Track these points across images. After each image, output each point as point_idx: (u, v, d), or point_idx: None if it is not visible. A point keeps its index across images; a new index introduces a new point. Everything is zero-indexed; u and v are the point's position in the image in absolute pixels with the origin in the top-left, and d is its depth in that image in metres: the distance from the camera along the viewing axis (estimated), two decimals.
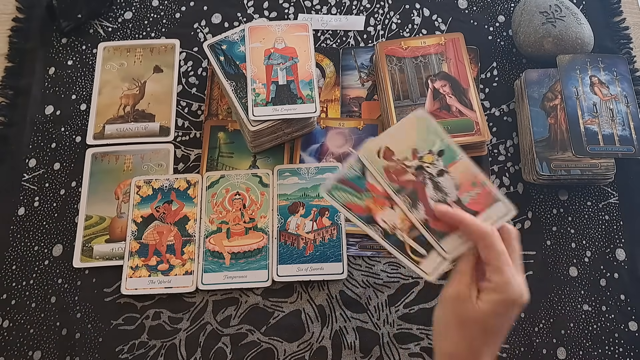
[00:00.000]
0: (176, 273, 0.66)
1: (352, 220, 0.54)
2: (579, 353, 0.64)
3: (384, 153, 0.55)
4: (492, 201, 0.53)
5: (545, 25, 0.72)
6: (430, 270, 0.52)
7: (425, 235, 0.53)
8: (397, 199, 0.54)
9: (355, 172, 0.55)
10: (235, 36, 0.72)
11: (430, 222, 0.53)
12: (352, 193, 0.54)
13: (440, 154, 0.55)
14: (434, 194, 0.54)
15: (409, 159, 0.55)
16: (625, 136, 0.67)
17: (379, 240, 0.53)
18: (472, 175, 0.54)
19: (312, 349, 0.64)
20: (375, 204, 0.55)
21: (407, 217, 0.54)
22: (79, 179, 0.72)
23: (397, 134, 0.56)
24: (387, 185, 0.54)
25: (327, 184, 0.54)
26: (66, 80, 0.77)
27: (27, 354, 0.63)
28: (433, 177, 0.54)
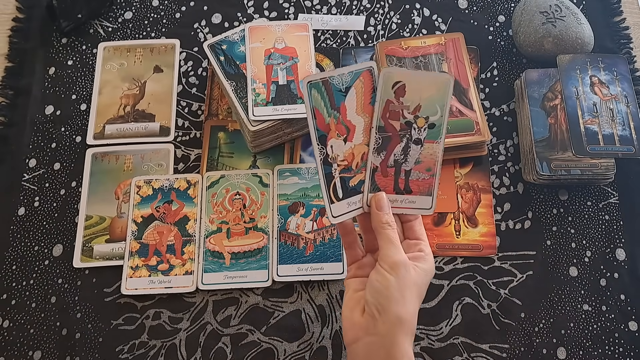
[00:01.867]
0: (176, 273, 0.66)
1: (309, 127, 0.53)
2: (579, 353, 0.64)
3: (398, 89, 0.55)
4: (427, 192, 0.56)
5: (545, 25, 0.73)
6: (337, 214, 0.54)
7: (366, 179, 0.55)
8: (373, 134, 0.55)
9: (342, 84, 0.54)
10: (235, 36, 0.72)
11: (378, 171, 0.55)
12: (325, 103, 0.54)
13: (430, 127, 0.56)
14: (399, 152, 0.56)
15: (408, 111, 0.55)
16: (625, 136, 0.67)
17: (317, 161, 0.54)
18: (433, 162, 0.56)
19: (312, 349, 0.64)
20: (335, 127, 0.54)
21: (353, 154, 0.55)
22: (79, 179, 0.72)
23: (419, 81, 0.55)
24: (377, 116, 0.54)
25: (314, 77, 0.53)
26: (66, 80, 0.77)
27: (27, 354, 0.63)
28: (410, 140, 0.56)
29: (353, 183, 0.55)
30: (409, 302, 0.48)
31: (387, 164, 0.56)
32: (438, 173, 0.56)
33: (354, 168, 0.55)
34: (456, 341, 0.64)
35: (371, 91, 0.55)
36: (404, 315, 0.48)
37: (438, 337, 0.64)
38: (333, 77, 0.53)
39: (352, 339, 0.50)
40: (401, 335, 0.47)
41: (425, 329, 0.64)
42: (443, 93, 0.55)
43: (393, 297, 0.48)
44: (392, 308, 0.48)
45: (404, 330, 0.48)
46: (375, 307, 0.48)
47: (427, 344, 0.64)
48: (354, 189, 0.55)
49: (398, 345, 0.47)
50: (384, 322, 0.48)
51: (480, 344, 0.64)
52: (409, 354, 0.48)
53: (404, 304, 0.48)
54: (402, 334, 0.48)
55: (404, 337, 0.48)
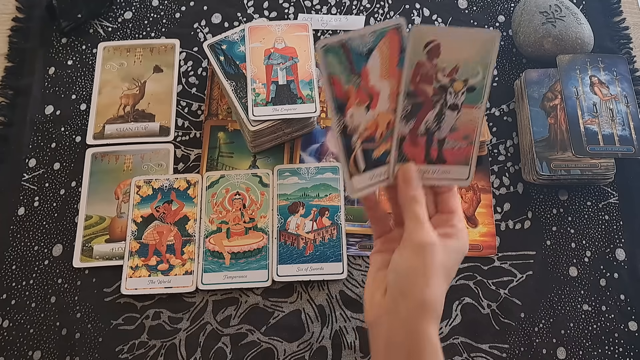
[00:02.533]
0: (176, 273, 0.66)
1: (326, 96, 0.47)
2: (579, 353, 0.64)
3: (432, 49, 0.47)
4: (463, 162, 0.50)
5: (545, 25, 0.73)
6: (358, 187, 0.48)
7: (392, 150, 0.49)
8: (401, 100, 0.48)
9: (363, 46, 0.47)
10: (235, 36, 0.72)
11: (406, 140, 0.49)
12: (344, 68, 0.47)
13: (469, 90, 0.49)
14: (431, 119, 0.49)
15: (443, 73, 0.48)
16: (625, 136, 0.67)
17: (335, 133, 0.47)
18: (471, 129, 0.50)
19: (312, 348, 0.64)
20: (355, 94, 0.48)
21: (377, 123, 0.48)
22: (79, 178, 0.72)
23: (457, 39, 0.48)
24: (406, 80, 0.47)
25: (330, 40, 0.46)
26: (66, 80, 0.77)
27: (27, 354, 0.63)
28: (445, 105, 0.49)
29: (377, 154, 0.49)
30: (434, 286, 0.44)
31: (417, 132, 0.49)
32: (477, 140, 0.50)
33: (378, 138, 0.49)
34: (456, 341, 0.64)
35: (399, 52, 0.48)
36: (427, 299, 0.44)
37: None
38: (352, 39, 0.46)
39: (374, 320, 0.46)
40: (424, 318, 0.44)
41: None
42: (486, 52, 0.48)
43: (417, 280, 0.44)
44: (415, 291, 0.44)
45: (428, 314, 0.44)
46: (398, 290, 0.45)
47: None
48: (377, 160, 0.49)
49: (421, 328, 0.44)
50: (406, 305, 0.44)
51: (480, 344, 0.64)
52: (433, 339, 0.44)
53: (429, 287, 0.44)
54: (426, 318, 0.44)
55: (428, 320, 0.44)
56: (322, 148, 0.73)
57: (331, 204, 0.69)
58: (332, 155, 0.73)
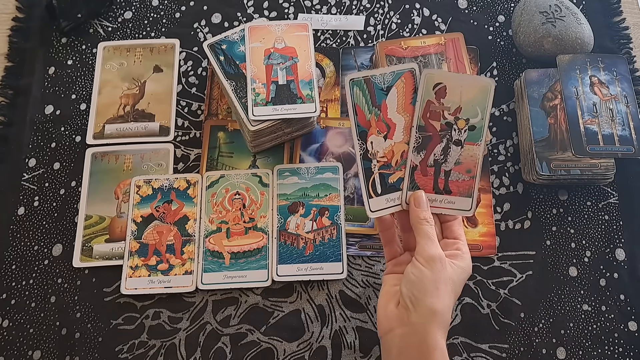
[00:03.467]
0: (176, 273, 0.66)
1: (351, 122, 0.56)
2: (579, 353, 0.64)
3: (439, 90, 0.57)
4: (467, 193, 0.57)
5: (545, 25, 0.73)
6: (374, 208, 0.56)
7: (405, 177, 0.56)
8: (413, 133, 0.56)
9: (383, 83, 0.56)
10: (235, 36, 0.72)
11: (417, 170, 0.57)
12: (367, 100, 0.56)
13: (470, 129, 0.57)
14: (439, 152, 0.57)
15: (449, 112, 0.57)
16: (625, 136, 0.67)
17: (357, 156, 0.56)
18: (473, 164, 0.57)
19: (312, 348, 0.64)
20: (376, 124, 0.56)
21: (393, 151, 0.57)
22: (79, 178, 0.72)
23: (460, 83, 0.57)
24: (417, 115, 0.56)
25: (356, 75, 0.56)
26: (66, 80, 0.77)
27: (26, 354, 0.63)
28: (450, 140, 0.57)
29: (392, 180, 0.57)
30: (443, 296, 0.49)
31: (427, 163, 0.57)
32: (478, 175, 0.57)
33: (394, 165, 0.57)
34: (456, 341, 0.64)
35: (412, 91, 0.57)
36: (437, 308, 0.48)
37: None
38: (375, 76, 0.56)
39: (386, 330, 0.51)
40: (434, 327, 0.48)
41: None
42: (484, 96, 0.57)
43: (427, 289, 0.49)
44: (426, 300, 0.49)
45: (437, 322, 0.48)
46: (409, 299, 0.49)
47: None
48: (392, 185, 0.56)
49: (431, 336, 0.48)
50: (417, 314, 0.49)
51: (479, 343, 0.64)
52: (442, 346, 0.48)
53: (438, 296, 0.49)
54: (435, 326, 0.48)
55: (437, 329, 0.48)
56: (322, 148, 0.73)
57: (331, 203, 0.69)
58: (332, 155, 0.73)
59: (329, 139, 0.74)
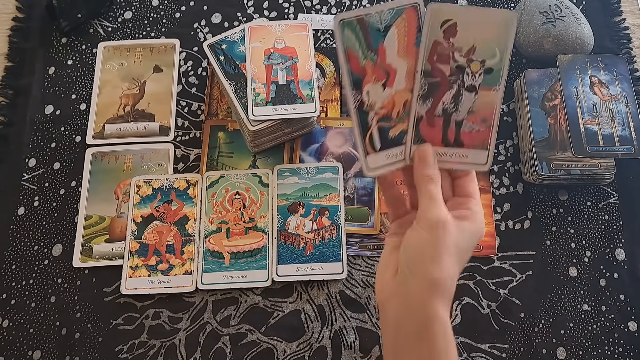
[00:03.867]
0: (176, 273, 0.66)
1: (342, 70, 0.47)
2: (579, 353, 0.64)
3: (448, 28, 0.48)
4: (482, 145, 0.49)
5: (545, 25, 0.72)
6: (373, 165, 0.49)
7: (409, 130, 0.49)
8: (418, 79, 0.48)
9: (380, 22, 0.48)
10: (235, 36, 0.72)
11: (423, 120, 0.49)
12: (360, 43, 0.48)
13: (487, 72, 0.49)
14: (449, 100, 0.49)
15: (460, 53, 0.48)
16: (625, 136, 0.67)
17: (351, 108, 0.48)
18: (490, 112, 0.49)
19: (312, 348, 0.64)
20: (372, 71, 0.48)
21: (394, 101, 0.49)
22: (79, 178, 0.72)
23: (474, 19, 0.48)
24: (422, 59, 0.48)
25: (347, 14, 0.47)
26: (66, 80, 0.77)
27: (26, 354, 0.63)
28: (462, 86, 0.49)
29: (393, 134, 0.49)
30: (445, 263, 0.43)
31: (434, 113, 0.49)
32: (496, 124, 0.49)
33: (395, 117, 0.49)
34: (456, 341, 0.64)
35: (416, 31, 0.48)
36: (438, 277, 0.43)
37: None
38: (370, 15, 0.47)
39: (384, 299, 0.46)
40: (434, 297, 0.43)
41: None
42: (504, 33, 0.48)
43: (427, 257, 0.44)
44: (426, 269, 0.43)
45: (438, 292, 0.43)
46: (408, 267, 0.44)
47: None
48: (394, 140, 0.49)
49: (430, 307, 0.43)
50: (416, 283, 0.44)
51: (479, 344, 0.64)
52: (443, 318, 0.43)
53: (439, 264, 0.43)
54: (436, 296, 0.43)
55: (437, 300, 0.43)
56: (322, 148, 0.73)
57: (331, 204, 0.69)
58: (332, 155, 0.73)
59: (329, 139, 0.74)
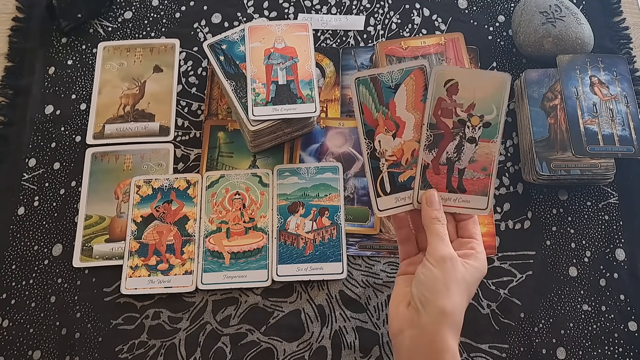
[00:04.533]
0: (176, 273, 0.66)
1: (357, 120, 0.55)
2: (579, 353, 0.64)
3: (451, 87, 0.55)
4: (482, 192, 0.55)
5: (545, 25, 0.72)
6: (383, 207, 0.55)
7: (416, 176, 0.55)
8: (424, 131, 0.55)
9: (391, 81, 0.55)
10: (235, 36, 0.72)
11: (429, 168, 0.55)
12: (373, 99, 0.55)
13: (485, 125, 0.55)
14: (452, 150, 0.55)
15: (461, 109, 0.55)
16: (625, 136, 0.67)
17: (364, 156, 0.55)
18: (489, 162, 0.55)
19: (312, 348, 0.64)
20: (384, 122, 0.55)
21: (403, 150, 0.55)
22: (79, 178, 0.72)
23: (473, 80, 0.55)
24: (428, 113, 0.55)
25: (362, 73, 0.55)
26: (66, 80, 0.78)
27: (26, 354, 0.63)
28: (464, 138, 0.55)
29: (402, 179, 0.55)
30: (455, 296, 0.48)
31: (439, 161, 0.55)
32: (494, 173, 0.55)
33: (404, 164, 0.55)
34: None
35: (423, 89, 0.55)
36: (448, 309, 0.47)
37: None
38: (382, 75, 0.55)
39: (397, 331, 0.50)
40: (445, 328, 0.47)
41: None
42: (500, 92, 0.55)
43: (438, 289, 0.48)
44: (437, 301, 0.47)
45: (448, 323, 0.47)
46: (419, 300, 0.48)
47: None
48: (403, 184, 0.55)
49: (441, 338, 0.47)
50: (427, 315, 0.48)
51: (479, 344, 0.64)
52: (452, 348, 0.47)
53: (449, 297, 0.47)
54: (446, 327, 0.47)
55: (448, 330, 0.47)
56: (322, 148, 0.73)
57: (331, 204, 0.69)
58: (332, 155, 0.73)
59: (329, 139, 0.74)
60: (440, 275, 0.48)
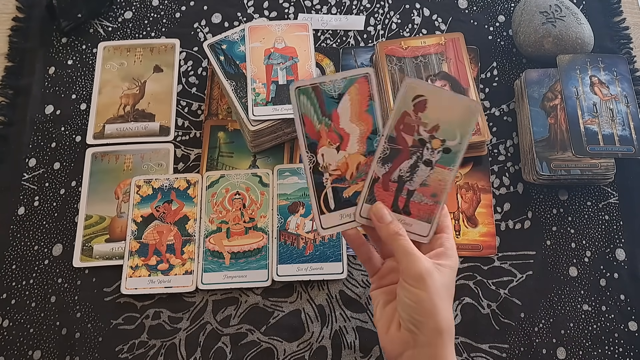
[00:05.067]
0: (176, 273, 0.66)
1: (298, 134, 0.51)
2: (579, 353, 0.64)
3: (419, 103, 0.52)
4: (426, 218, 0.52)
5: (545, 25, 0.73)
6: (327, 225, 0.52)
7: (364, 189, 0.52)
8: (382, 142, 0.52)
9: (334, 90, 0.51)
10: (235, 36, 0.72)
11: (379, 182, 0.52)
12: (315, 109, 0.51)
13: (445, 151, 0.52)
14: (405, 169, 0.52)
15: (425, 128, 0.52)
16: (625, 136, 0.67)
17: (306, 170, 0.52)
18: (440, 189, 0.52)
19: (312, 348, 0.64)
20: (327, 135, 0.52)
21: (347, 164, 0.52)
22: (79, 178, 0.72)
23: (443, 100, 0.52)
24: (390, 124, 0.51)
25: (302, 82, 0.51)
26: (66, 80, 0.78)
27: (27, 354, 0.63)
28: (420, 159, 0.52)
29: (347, 194, 0.53)
30: (444, 310, 0.47)
31: (390, 177, 0.52)
32: (444, 201, 0.52)
33: (349, 178, 0.53)
34: (456, 341, 0.64)
35: (368, 98, 0.52)
36: (443, 326, 0.47)
37: None
38: (324, 84, 0.51)
39: (395, 354, 0.49)
40: (442, 344, 0.47)
41: None
42: (467, 119, 0.51)
43: (427, 310, 0.46)
44: (429, 322, 0.46)
45: (445, 338, 0.47)
46: (412, 323, 0.47)
47: None
48: (348, 200, 0.53)
49: (441, 355, 0.47)
50: (423, 335, 0.47)
51: (480, 344, 0.64)
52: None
53: (439, 313, 0.46)
54: (443, 342, 0.47)
55: (446, 345, 0.47)
56: None
57: None
58: None
59: None
60: (425, 295, 0.46)
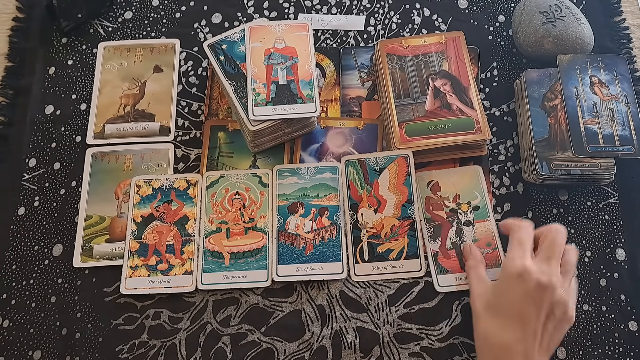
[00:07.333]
0: (176, 273, 0.66)
1: (343, 194, 0.65)
2: (579, 353, 0.64)
3: (433, 186, 0.66)
4: (494, 264, 0.64)
5: (545, 25, 0.72)
6: (359, 273, 0.64)
7: (431, 266, 0.64)
8: (423, 225, 0.65)
9: (377, 165, 0.66)
10: (235, 36, 0.72)
11: (440, 255, 0.64)
12: (359, 177, 0.65)
13: (475, 209, 0.66)
14: (454, 235, 0.65)
15: (449, 200, 0.66)
16: (625, 136, 0.67)
17: (347, 225, 0.65)
18: (491, 237, 0.65)
19: (312, 348, 0.64)
20: (367, 199, 0.65)
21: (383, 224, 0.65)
22: (79, 178, 0.72)
23: (450, 176, 0.66)
24: (421, 210, 0.66)
25: (351, 157, 0.67)
26: (66, 80, 0.78)
27: (27, 354, 0.63)
28: (460, 223, 0.65)
29: (381, 250, 0.64)
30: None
31: (445, 247, 0.64)
32: (500, 244, 0.64)
33: (383, 237, 0.64)
34: (456, 341, 0.64)
35: (405, 174, 0.65)
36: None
37: (438, 337, 0.64)
38: (369, 159, 0.67)
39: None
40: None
41: (425, 329, 0.64)
42: (476, 180, 0.67)
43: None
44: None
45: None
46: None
47: (427, 344, 0.64)
48: (380, 255, 0.64)
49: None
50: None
51: None
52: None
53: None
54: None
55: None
56: (322, 148, 0.73)
57: (330, 203, 0.69)
58: (332, 155, 0.73)
59: (329, 139, 0.74)
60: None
